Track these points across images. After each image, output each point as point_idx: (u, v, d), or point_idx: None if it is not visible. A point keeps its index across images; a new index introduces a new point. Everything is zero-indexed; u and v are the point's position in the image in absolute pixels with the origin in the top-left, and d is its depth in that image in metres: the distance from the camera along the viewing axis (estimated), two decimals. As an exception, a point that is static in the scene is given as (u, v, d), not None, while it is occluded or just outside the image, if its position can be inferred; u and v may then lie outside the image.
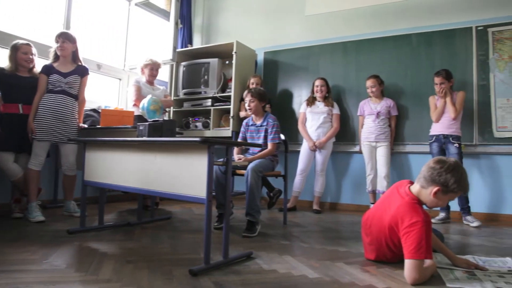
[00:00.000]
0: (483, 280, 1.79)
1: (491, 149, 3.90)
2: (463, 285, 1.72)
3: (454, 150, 3.63)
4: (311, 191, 4.37)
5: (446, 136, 3.69)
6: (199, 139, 1.84)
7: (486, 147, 3.91)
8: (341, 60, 4.65)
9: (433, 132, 3.81)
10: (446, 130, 3.71)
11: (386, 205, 2.02)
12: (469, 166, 3.89)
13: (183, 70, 4.86)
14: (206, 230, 1.91)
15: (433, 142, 3.77)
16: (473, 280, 1.79)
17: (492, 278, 1.83)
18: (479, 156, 3.91)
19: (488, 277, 1.84)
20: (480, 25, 4.02)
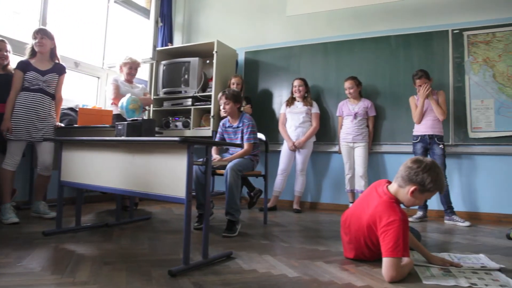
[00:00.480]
0: (457, 276, 1.84)
1: (467, 149, 4.00)
2: (438, 281, 1.76)
3: (439, 151, 3.69)
4: (291, 190, 4.39)
5: (432, 136, 3.74)
6: (178, 138, 1.82)
7: (462, 147, 4.01)
8: (321, 61, 4.69)
9: (418, 132, 3.84)
10: (430, 130, 3.75)
11: (364, 204, 2.05)
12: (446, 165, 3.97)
13: (163, 69, 4.81)
14: (185, 230, 1.89)
15: (418, 142, 3.81)
16: (448, 276, 1.84)
17: (466, 274, 1.88)
18: (455, 156, 4.01)
19: (462, 273, 1.89)
20: (456, 29, 4.13)
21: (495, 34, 4.00)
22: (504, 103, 3.90)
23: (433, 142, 3.73)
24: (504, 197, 3.87)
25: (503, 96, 3.92)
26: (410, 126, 4.08)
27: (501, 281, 1.79)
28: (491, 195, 3.92)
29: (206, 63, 4.78)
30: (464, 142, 4.01)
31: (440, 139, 3.74)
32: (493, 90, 3.95)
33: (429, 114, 3.79)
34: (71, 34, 4.38)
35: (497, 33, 3.99)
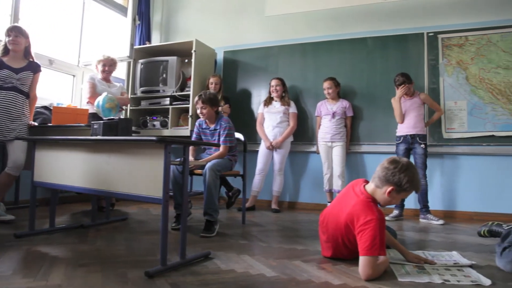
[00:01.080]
0: (431, 273, 1.88)
1: (441, 149, 4.11)
2: (413, 278, 1.80)
3: (420, 150, 3.74)
4: (269, 190, 4.40)
5: (413, 136, 3.78)
6: (155, 138, 1.80)
7: (436, 148, 4.11)
8: (299, 61, 4.72)
9: (400, 132, 3.88)
10: (413, 129, 3.79)
11: (342, 203, 2.07)
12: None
13: (140, 68, 4.74)
14: (162, 230, 1.88)
15: (400, 143, 3.84)
16: (422, 273, 1.88)
17: (440, 271, 1.93)
18: (430, 156, 4.09)
19: (436, 270, 1.94)
20: (431, 32, 4.23)
21: (468, 37, 4.12)
22: (476, 105, 4.02)
23: (415, 141, 3.78)
24: (476, 196, 4.00)
25: (475, 98, 4.04)
26: (387, 126, 4.16)
27: (472, 277, 1.85)
28: (464, 194, 4.04)
29: (184, 62, 4.75)
30: (438, 143, 4.11)
31: (422, 138, 3.78)
32: (466, 92, 4.07)
33: (410, 114, 3.83)
34: (45, 31, 4.27)
35: (470, 36, 4.11)
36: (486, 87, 4.01)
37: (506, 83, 3.95)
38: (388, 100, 4.24)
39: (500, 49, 4.00)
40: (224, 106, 4.36)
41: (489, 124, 3.98)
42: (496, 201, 3.91)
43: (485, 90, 4.01)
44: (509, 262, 1.95)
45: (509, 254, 1.98)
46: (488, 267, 2.06)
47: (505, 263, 1.97)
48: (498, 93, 3.97)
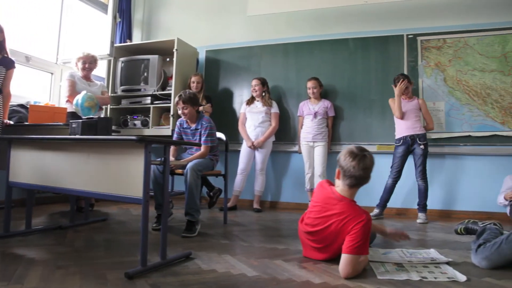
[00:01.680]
0: (409, 271, 1.93)
1: (419, 149, 4.18)
2: (392, 276, 1.84)
3: (419, 151, 3.74)
4: (251, 190, 4.40)
5: (413, 136, 3.77)
6: (135, 137, 1.78)
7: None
8: (281, 61, 4.74)
9: (399, 134, 3.87)
10: (411, 130, 3.78)
11: (327, 211, 2.04)
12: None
13: (121, 66, 4.67)
14: (142, 231, 1.86)
15: (400, 145, 3.82)
16: (401, 271, 1.92)
17: (418, 268, 1.98)
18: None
19: (414, 267, 1.99)
20: (411, 34, 4.31)
21: (446, 40, 4.21)
22: (454, 106, 4.11)
23: (415, 142, 3.77)
24: (453, 195, 4.10)
25: (452, 99, 4.13)
26: (368, 126, 4.22)
27: (449, 273, 1.89)
28: (441, 193, 4.13)
29: (166, 61, 4.70)
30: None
31: (422, 138, 3.77)
32: (444, 93, 4.16)
33: (409, 116, 3.83)
34: (22, 27, 4.16)
35: (448, 39, 4.20)
36: (463, 88, 4.11)
37: (481, 85, 4.06)
38: (369, 101, 4.31)
39: (477, 52, 4.11)
40: (206, 105, 4.34)
41: (465, 125, 4.08)
42: (472, 200, 4.01)
43: (462, 92, 4.11)
44: (483, 259, 2.01)
45: (483, 250, 2.03)
46: (464, 264, 2.12)
47: (480, 259, 2.03)
48: (474, 95, 4.07)
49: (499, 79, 4.02)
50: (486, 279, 1.84)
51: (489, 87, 4.04)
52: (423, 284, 1.75)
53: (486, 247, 2.04)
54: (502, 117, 3.99)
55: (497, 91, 4.02)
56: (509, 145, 3.95)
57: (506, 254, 1.96)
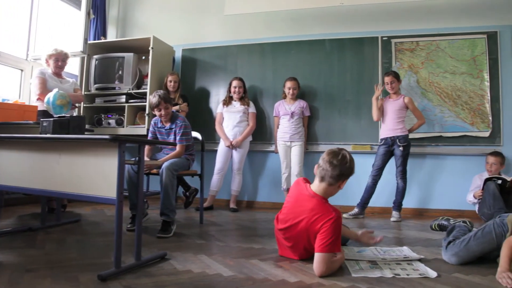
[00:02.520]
0: (383, 268, 1.97)
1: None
2: (366, 274, 1.88)
3: (398, 152, 3.79)
4: (228, 190, 4.39)
5: (393, 138, 3.83)
6: (108, 136, 1.74)
7: (388, 147, 4.27)
8: (258, 61, 4.75)
9: (382, 135, 3.96)
10: (392, 132, 3.85)
11: (298, 209, 2.06)
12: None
13: (95, 64, 4.57)
14: (116, 231, 1.82)
15: (382, 145, 3.90)
16: (375, 269, 1.96)
17: (391, 266, 2.02)
18: (382, 155, 4.25)
19: (387, 265, 2.03)
20: (385, 36, 4.40)
21: (419, 43, 4.32)
22: (426, 107, 4.22)
23: (395, 143, 3.82)
24: (425, 194, 4.22)
25: (425, 100, 4.24)
26: (344, 126, 4.29)
27: (420, 270, 1.95)
28: (415, 192, 4.23)
29: (141, 59, 4.62)
30: (390, 142, 4.27)
31: (402, 140, 3.80)
32: (417, 94, 4.26)
33: (392, 116, 3.88)
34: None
35: (420, 42, 4.31)
36: (435, 90, 4.23)
37: (452, 87, 4.18)
38: (345, 101, 4.38)
39: (448, 55, 4.23)
40: (182, 104, 4.30)
41: (437, 125, 4.19)
42: (444, 198, 4.14)
43: (434, 93, 4.23)
44: (453, 255, 2.08)
45: (453, 247, 2.10)
46: (435, 260, 2.18)
47: (449, 256, 2.10)
48: (446, 96, 4.19)
49: (468, 81, 4.15)
50: (456, 275, 1.90)
51: (459, 89, 4.17)
52: (396, 280, 1.79)
53: (455, 244, 2.11)
54: (471, 118, 4.12)
55: (466, 93, 4.15)
56: (477, 145, 4.09)
57: (474, 250, 2.04)
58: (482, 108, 4.11)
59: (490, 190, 3.48)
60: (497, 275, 1.81)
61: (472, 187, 3.89)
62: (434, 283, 1.77)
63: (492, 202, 3.45)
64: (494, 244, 2.01)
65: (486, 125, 4.09)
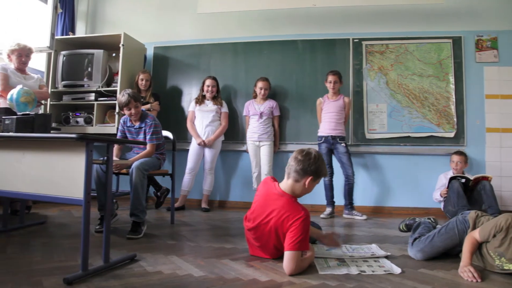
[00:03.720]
0: (350, 265, 2.02)
1: (364, 149, 4.38)
2: (333, 271, 1.91)
3: (343, 149, 3.95)
4: (200, 189, 4.36)
5: (334, 137, 3.98)
6: (75, 135, 1.69)
7: (359, 147, 4.37)
8: (231, 60, 4.74)
9: (322, 133, 4.06)
10: (333, 131, 3.99)
11: (266, 208, 2.05)
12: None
13: (63, 60, 4.43)
14: (83, 233, 1.77)
15: (322, 143, 4.03)
16: (342, 266, 2.01)
17: (358, 263, 2.07)
18: (353, 155, 4.32)
19: (354, 262, 2.08)
20: (356, 38, 4.49)
21: (388, 45, 4.43)
22: (395, 108, 4.33)
23: (336, 142, 3.98)
24: (395, 192, 4.33)
25: (394, 101, 4.35)
26: (314, 126, 4.32)
27: (386, 267, 2.01)
28: (384, 191, 4.34)
29: (111, 56, 4.52)
30: (361, 142, 4.37)
31: (342, 139, 3.99)
32: (386, 95, 4.36)
33: (332, 116, 4.02)
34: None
35: (390, 44, 4.42)
36: (403, 92, 4.34)
37: (420, 89, 4.31)
38: (315, 101, 4.42)
39: (416, 58, 4.36)
40: (153, 103, 4.24)
41: (405, 126, 4.31)
42: (411, 197, 4.26)
43: (403, 95, 4.34)
44: (418, 251, 2.15)
45: (419, 244, 2.17)
46: (402, 257, 2.25)
47: (415, 252, 2.17)
48: (414, 98, 4.32)
49: (435, 84, 4.29)
50: (421, 270, 1.97)
51: (427, 91, 4.30)
52: (363, 277, 1.83)
53: (421, 241, 2.18)
54: (437, 119, 4.26)
55: (433, 95, 4.29)
56: (443, 145, 4.24)
57: (438, 246, 2.12)
58: (448, 109, 4.26)
59: (454, 189, 3.61)
60: (460, 270, 1.89)
61: (438, 186, 4.02)
62: (401, 279, 1.82)
63: (456, 200, 3.59)
64: (456, 240, 2.10)
65: (451, 126, 4.24)
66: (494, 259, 1.91)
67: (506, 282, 1.81)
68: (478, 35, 4.34)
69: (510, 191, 4.16)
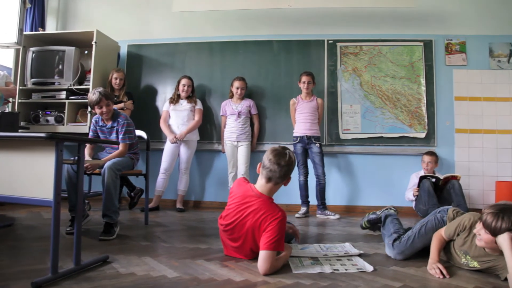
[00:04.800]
0: (323, 264, 2.04)
1: (338, 149, 4.45)
2: (306, 270, 1.93)
3: (317, 149, 3.99)
4: (175, 189, 4.32)
5: (309, 137, 4.02)
6: (44, 134, 1.64)
7: (334, 147, 4.43)
8: (206, 60, 4.71)
9: (297, 133, 4.10)
10: (308, 131, 4.03)
11: (243, 209, 2.04)
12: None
13: (32, 57, 4.28)
14: (53, 235, 1.72)
15: (298, 142, 4.06)
16: (315, 265, 2.02)
17: (331, 261, 2.10)
18: (328, 155, 4.38)
19: (328, 261, 2.11)
20: (331, 39, 4.55)
21: (362, 47, 4.51)
22: (368, 109, 4.41)
23: (311, 142, 4.02)
24: (368, 192, 4.41)
25: (367, 102, 4.43)
26: (290, 126, 4.36)
27: (359, 265, 2.04)
28: (358, 190, 4.42)
29: (84, 53, 4.41)
30: (336, 142, 4.43)
31: (317, 139, 4.04)
32: (360, 96, 4.44)
33: (307, 117, 4.06)
34: None
35: (364, 46, 4.51)
36: (377, 93, 4.43)
37: (392, 90, 4.41)
38: (290, 102, 4.46)
39: (389, 59, 4.45)
40: (127, 102, 4.16)
41: (378, 127, 4.40)
42: (384, 195, 4.35)
43: (376, 96, 4.43)
44: (399, 253, 2.20)
45: (399, 246, 2.21)
46: (374, 255, 2.30)
47: (396, 253, 2.21)
48: (386, 99, 4.41)
49: (407, 85, 4.40)
50: (393, 268, 2.02)
51: (399, 93, 4.40)
52: (337, 275, 1.86)
53: (401, 243, 2.21)
54: (409, 120, 4.37)
55: (405, 96, 4.39)
56: (414, 146, 4.35)
57: (418, 247, 2.18)
58: (419, 111, 4.37)
59: (425, 188, 3.73)
60: (428, 267, 1.96)
61: (410, 185, 4.13)
62: (373, 276, 1.86)
63: (427, 198, 3.71)
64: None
65: (422, 127, 4.35)
66: (460, 257, 1.98)
67: (473, 277, 1.88)
68: (447, 38, 4.48)
69: (477, 190, 4.31)
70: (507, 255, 1.66)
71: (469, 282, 1.81)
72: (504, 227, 1.69)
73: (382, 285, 1.74)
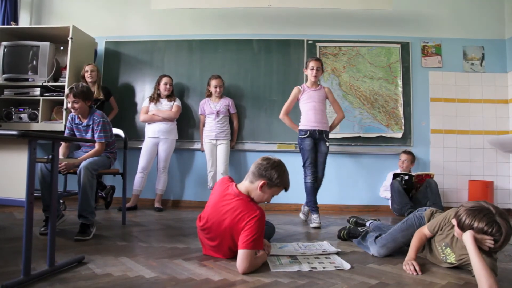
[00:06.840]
0: (301, 262, 2.06)
1: (316, 148, 4.46)
2: (285, 268, 1.94)
3: (325, 149, 3.52)
4: (153, 189, 4.26)
5: (321, 131, 3.51)
6: (16, 132, 1.59)
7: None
8: (186, 58, 4.67)
9: (306, 126, 3.51)
10: (320, 124, 3.50)
11: (222, 208, 2.04)
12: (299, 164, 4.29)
13: (4, 51, 4.14)
14: (25, 235, 1.67)
15: (307, 137, 3.49)
16: (294, 263, 2.04)
17: (309, 260, 2.12)
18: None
19: (306, 259, 2.12)
20: (310, 39, 4.58)
21: (341, 48, 4.56)
22: (347, 109, 4.46)
23: (321, 138, 3.52)
24: (346, 190, 4.47)
25: (346, 102, 4.48)
26: (269, 126, 4.37)
27: (336, 263, 2.07)
28: (336, 188, 4.46)
29: (59, 49, 4.30)
30: (314, 142, 4.46)
31: (327, 135, 3.59)
32: (339, 97, 4.48)
33: (317, 107, 3.54)
34: None
35: (343, 47, 4.56)
36: (355, 93, 4.49)
37: (370, 91, 4.48)
38: (270, 101, 4.49)
39: (367, 61, 4.52)
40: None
41: (356, 127, 4.46)
42: (362, 194, 4.44)
43: (354, 96, 4.49)
44: (382, 247, 2.24)
45: (381, 240, 2.26)
46: (352, 253, 2.33)
47: (379, 248, 2.25)
48: (364, 99, 4.48)
49: (384, 86, 4.48)
50: (369, 265, 2.06)
51: (377, 93, 4.48)
52: (315, 274, 1.88)
53: (383, 237, 2.27)
54: (386, 121, 4.45)
55: (383, 97, 4.47)
56: (392, 145, 4.44)
57: (400, 241, 2.23)
58: (396, 111, 4.45)
59: (395, 188, 3.88)
60: (404, 263, 2.00)
61: (386, 182, 4.22)
62: (350, 274, 1.88)
63: (399, 198, 3.84)
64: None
65: (399, 127, 4.44)
66: (440, 253, 2.03)
67: (446, 274, 1.93)
68: (423, 41, 4.58)
69: (451, 189, 4.43)
70: (469, 252, 1.72)
71: (443, 278, 1.86)
72: (467, 224, 1.75)
73: (359, 282, 1.77)
